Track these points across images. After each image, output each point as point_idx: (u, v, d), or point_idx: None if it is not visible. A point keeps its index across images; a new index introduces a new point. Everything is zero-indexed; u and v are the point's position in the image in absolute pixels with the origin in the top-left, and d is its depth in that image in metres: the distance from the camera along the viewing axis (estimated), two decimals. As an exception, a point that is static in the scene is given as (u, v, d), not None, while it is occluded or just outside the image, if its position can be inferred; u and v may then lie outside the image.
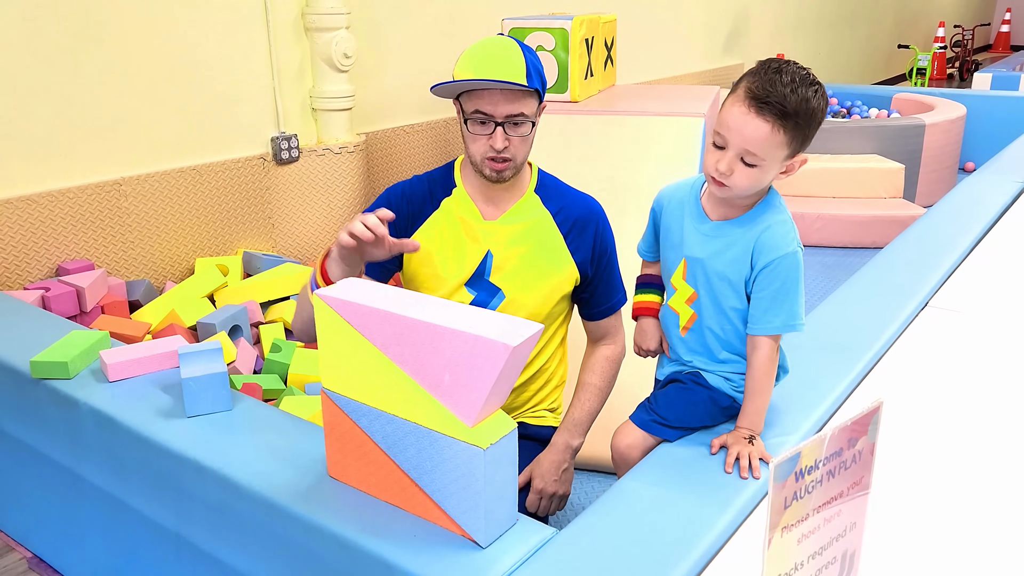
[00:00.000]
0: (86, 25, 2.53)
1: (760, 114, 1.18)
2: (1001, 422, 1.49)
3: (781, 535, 0.86)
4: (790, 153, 1.22)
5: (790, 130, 1.18)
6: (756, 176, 1.22)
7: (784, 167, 1.24)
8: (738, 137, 1.20)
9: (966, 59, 11.32)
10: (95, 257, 2.63)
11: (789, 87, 1.17)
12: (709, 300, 1.35)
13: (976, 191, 2.93)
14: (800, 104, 1.17)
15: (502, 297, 1.63)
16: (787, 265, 1.25)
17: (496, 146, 1.52)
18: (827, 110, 1.24)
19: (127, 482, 1.48)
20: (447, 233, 1.65)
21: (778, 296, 1.26)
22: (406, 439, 1.10)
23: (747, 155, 1.20)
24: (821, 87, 1.21)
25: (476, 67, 1.50)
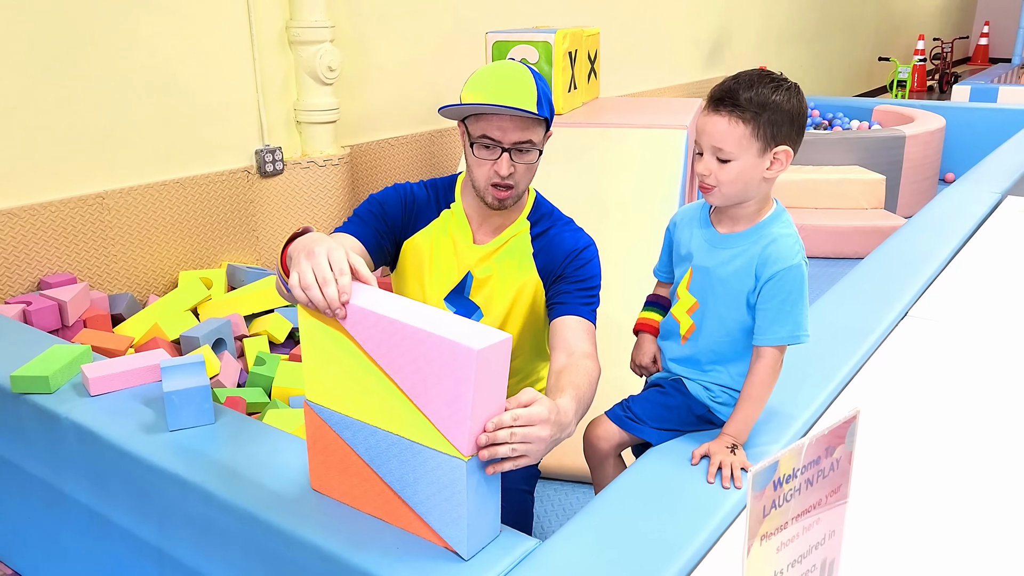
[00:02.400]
0: (69, 38, 2.53)
1: (717, 111, 1.26)
2: (979, 430, 1.50)
3: (760, 544, 0.87)
4: (762, 146, 1.25)
5: (749, 121, 1.23)
6: (736, 172, 1.26)
7: (768, 162, 1.27)
8: (706, 137, 1.27)
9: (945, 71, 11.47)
10: (77, 271, 2.62)
11: (744, 85, 1.24)
12: (711, 310, 1.36)
13: (955, 202, 2.97)
14: (755, 97, 1.23)
15: (480, 315, 1.65)
16: (792, 277, 1.28)
17: (502, 172, 1.50)
18: (800, 106, 1.27)
19: (109, 497, 1.47)
20: (439, 245, 1.65)
21: (783, 308, 1.28)
22: (389, 451, 1.10)
23: (718, 152, 1.26)
24: (785, 84, 1.26)
25: (487, 91, 1.48)
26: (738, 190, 1.28)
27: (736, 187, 1.28)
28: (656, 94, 5.92)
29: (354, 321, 1.07)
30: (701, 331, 1.39)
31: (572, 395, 1.28)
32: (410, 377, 1.04)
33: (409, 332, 1.02)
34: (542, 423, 1.10)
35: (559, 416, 1.16)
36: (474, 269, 1.63)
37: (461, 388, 0.99)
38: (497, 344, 1.00)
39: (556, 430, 1.14)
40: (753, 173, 1.27)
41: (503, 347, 1.01)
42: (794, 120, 1.26)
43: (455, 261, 1.64)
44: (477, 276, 1.64)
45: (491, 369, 1.00)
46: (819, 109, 5.99)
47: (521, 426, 1.07)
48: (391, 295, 1.11)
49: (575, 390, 1.30)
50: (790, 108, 1.25)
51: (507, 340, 1.01)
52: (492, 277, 1.63)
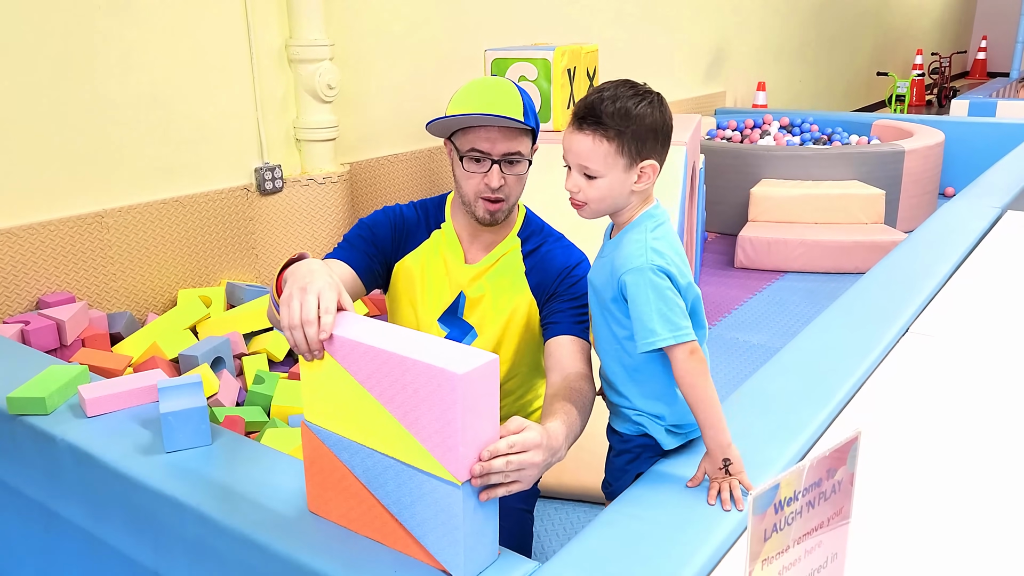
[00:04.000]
0: (68, 56, 2.54)
1: (581, 129, 1.26)
2: (982, 448, 1.49)
3: (762, 567, 0.85)
4: (627, 162, 1.26)
5: (614, 138, 1.24)
6: (604, 188, 1.27)
7: (635, 176, 1.27)
8: (572, 155, 1.28)
9: (944, 86, 11.51)
10: (76, 290, 2.62)
11: (607, 100, 1.24)
12: (594, 319, 1.38)
13: (956, 216, 2.97)
14: (617, 112, 1.23)
15: (474, 335, 1.63)
16: (633, 282, 1.25)
17: (492, 184, 1.49)
18: (663, 118, 1.27)
19: (105, 519, 1.46)
20: (431, 266, 1.64)
21: (635, 312, 1.25)
22: (385, 473, 1.09)
23: (585, 169, 1.27)
24: (648, 96, 1.26)
25: (474, 103, 1.48)
26: (607, 205, 1.30)
27: (606, 203, 1.29)
28: (655, 110, 5.94)
29: (343, 352, 1.07)
30: (596, 345, 1.38)
31: (563, 420, 1.27)
32: (401, 405, 1.04)
33: (396, 361, 1.02)
34: (535, 448, 1.09)
35: (550, 441, 1.15)
36: (467, 289, 1.62)
37: (449, 414, 0.99)
38: (482, 367, 0.99)
39: (548, 455, 1.14)
40: (621, 188, 1.28)
41: (489, 369, 1.00)
42: (658, 133, 1.27)
43: (447, 281, 1.63)
44: (470, 296, 1.63)
45: (478, 392, 0.99)
46: (818, 124, 6.01)
47: (516, 453, 1.06)
48: (378, 323, 1.11)
49: (566, 415, 1.29)
50: (653, 121, 1.25)
51: (494, 361, 1.00)
52: (485, 296, 1.62)
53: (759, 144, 5.32)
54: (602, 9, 5.26)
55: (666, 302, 1.24)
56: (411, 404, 1.03)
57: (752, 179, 4.89)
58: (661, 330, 1.23)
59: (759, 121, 5.99)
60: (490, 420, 1.03)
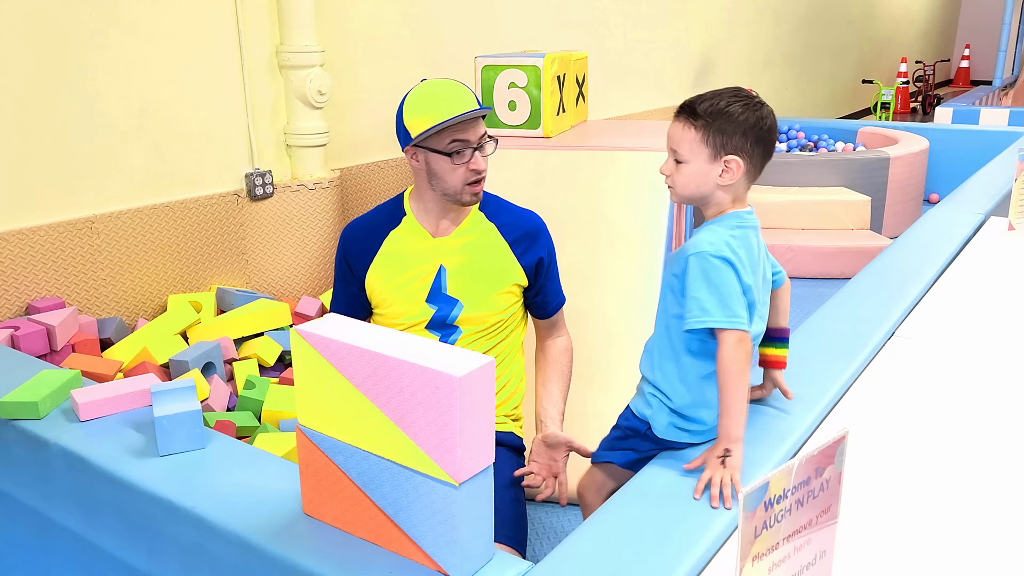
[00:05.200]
0: (59, 62, 2.54)
1: (676, 118, 1.38)
2: (967, 450, 1.52)
3: (752, 564, 0.87)
4: (712, 152, 1.33)
5: (701, 128, 1.33)
6: (688, 174, 1.36)
7: (719, 169, 1.34)
8: (668, 140, 1.39)
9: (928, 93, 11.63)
10: (66, 295, 2.61)
11: (706, 97, 1.35)
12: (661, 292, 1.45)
13: (940, 222, 3.01)
14: (710, 106, 1.33)
15: (461, 307, 1.76)
16: (694, 264, 1.32)
17: (480, 168, 1.69)
18: (757, 121, 1.33)
19: (98, 524, 1.46)
20: (400, 258, 1.78)
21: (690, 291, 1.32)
22: (381, 476, 1.11)
23: (674, 153, 1.37)
24: (747, 100, 1.34)
25: (450, 106, 1.65)
26: (691, 192, 1.38)
27: (689, 189, 1.37)
28: (644, 117, 5.98)
29: (339, 357, 1.09)
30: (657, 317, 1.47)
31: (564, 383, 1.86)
32: (398, 408, 1.05)
33: (392, 364, 1.03)
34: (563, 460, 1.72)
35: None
36: (445, 261, 1.77)
37: (447, 416, 1.00)
38: (480, 369, 1.01)
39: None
40: (705, 178, 1.35)
41: (486, 371, 1.02)
42: (747, 132, 1.32)
43: (422, 261, 1.78)
44: (450, 268, 1.77)
45: (475, 394, 1.01)
46: (804, 131, 6.06)
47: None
48: (372, 327, 1.13)
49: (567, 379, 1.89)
50: (744, 120, 1.32)
51: (490, 364, 1.03)
52: (465, 266, 1.77)
53: (746, 151, 5.35)
54: (592, 17, 5.29)
55: (726, 288, 1.30)
56: (408, 407, 1.04)
57: (739, 185, 4.92)
58: (715, 311, 1.29)
59: (746, 128, 6.02)
60: (486, 421, 1.05)
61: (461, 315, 1.76)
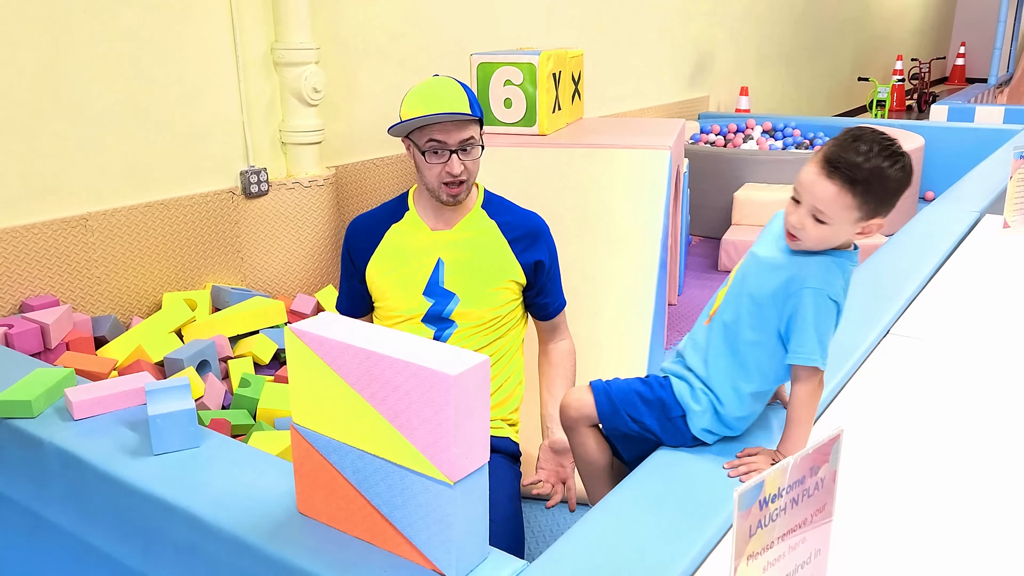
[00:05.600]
0: (53, 59, 2.53)
1: (829, 177, 1.24)
2: (962, 448, 1.52)
3: (747, 563, 0.87)
4: (862, 216, 1.26)
5: (859, 195, 1.23)
6: (826, 233, 1.27)
7: (860, 228, 1.28)
8: (809, 195, 1.26)
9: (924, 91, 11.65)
10: (60, 293, 2.60)
11: (863, 156, 1.22)
12: (736, 292, 1.39)
13: (935, 220, 3.01)
14: (872, 172, 1.22)
15: (457, 301, 1.77)
16: (809, 299, 1.29)
17: (454, 171, 1.69)
18: (907, 179, 1.26)
19: (93, 523, 1.46)
20: (400, 251, 1.81)
21: (794, 325, 1.31)
22: (376, 475, 1.10)
23: (817, 212, 1.26)
24: (903, 158, 1.24)
25: (428, 104, 1.68)
26: (822, 247, 1.31)
27: (822, 245, 1.30)
28: (639, 114, 5.98)
29: (333, 355, 1.08)
30: (720, 313, 1.40)
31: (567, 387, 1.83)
32: (392, 407, 1.05)
33: (387, 363, 1.03)
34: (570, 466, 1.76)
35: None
36: (443, 254, 1.79)
37: (442, 414, 1.00)
38: (474, 368, 1.01)
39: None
40: (843, 236, 1.29)
41: (480, 370, 1.02)
42: (896, 193, 1.26)
43: (421, 254, 1.79)
44: (448, 261, 1.78)
45: (470, 393, 1.01)
46: (800, 129, 6.06)
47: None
48: (367, 325, 1.13)
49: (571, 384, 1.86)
50: (898, 186, 1.25)
51: (485, 362, 1.03)
52: (463, 260, 1.78)
53: (742, 148, 5.37)
54: (587, 14, 5.29)
55: (829, 330, 1.31)
56: (402, 405, 1.04)
57: (735, 183, 4.94)
58: (817, 352, 1.29)
59: (742, 126, 6.04)
60: (481, 420, 1.04)
61: (457, 309, 1.77)
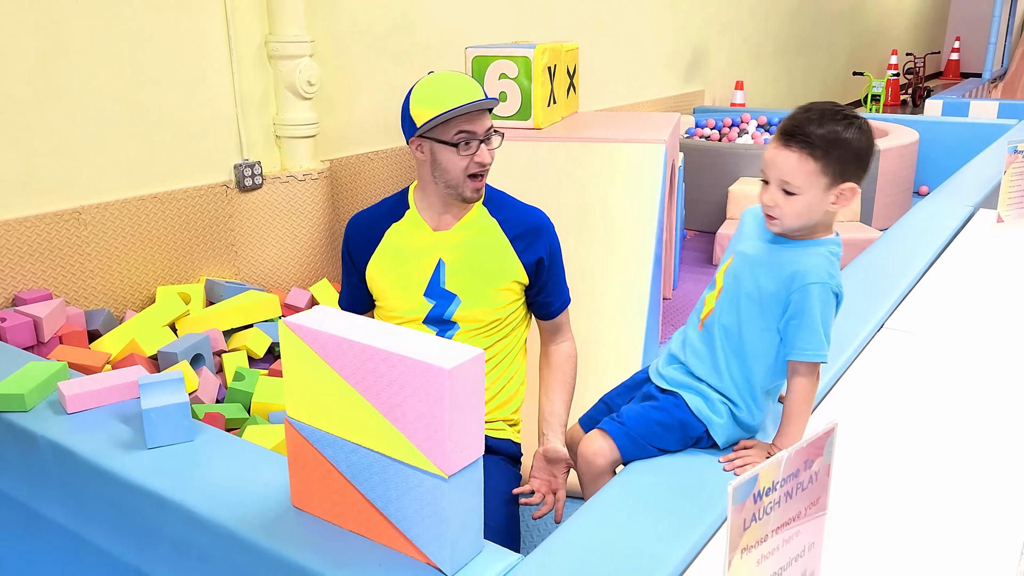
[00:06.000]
0: (46, 52, 2.51)
1: (788, 146, 1.28)
2: (955, 441, 1.52)
3: (741, 556, 0.87)
4: (830, 181, 1.27)
5: (820, 159, 1.26)
6: (801, 205, 1.29)
7: (833, 197, 1.29)
8: (774, 170, 1.30)
9: (918, 86, 11.66)
10: (53, 286, 2.59)
11: (816, 122, 1.26)
12: (731, 295, 1.38)
13: (929, 215, 3.02)
14: (827, 135, 1.25)
15: (458, 302, 1.74)
16: (811, 294, 1.29)
17: (485, 160, 1.67)
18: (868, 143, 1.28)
19: (87, 517, 1.46)
20: (401, 251, 1.77)
21: (799, 321, 1.31)
22: (371, 468, 1.10)
23: (785, 185, 1.28)
24: (856, 121, 1.27)
25: (454, 97, 1.64)
26: (801, 222, 1.31)
27: (800, 220, 1.31)
28: (634, 108, 5.97)
29: (327, 349, 1.08)
30: (716, 317, 1.40)
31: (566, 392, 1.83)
32: (386, 400, 1.05)
33: (381, 356, 1.03)
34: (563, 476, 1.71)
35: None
36: (445, 255, 1.75)
37: (436, 408, 1.00)
38: (469, 361, 1.00)
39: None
40: (818, 207, 1.30)
41: (475, 363, 1.02)
42: (861, 157, 1.28)
43: (421, 254, 1.76)
44: (449, 262, 1.75)
45: (465, 386, 1.01)
46: (795, 123, 6.05)
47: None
48: (361, 319, 1.12)
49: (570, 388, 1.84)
50: (859, 147, 1.27)
51: (480, 356, 1.02)
52: (464, 261, 1.74)
53: (737, 143, 5.37)
54: (583, 8, 5.28)
55: (831, 323, 1.32)
56: (397, 399, 1.03)
57: (730, 177, 4.93)
58: (823, 347, 1.30)
59: (737, 120, 6.04)
60: (476, 414, 1.04)
61: (458, 311, 1.73)
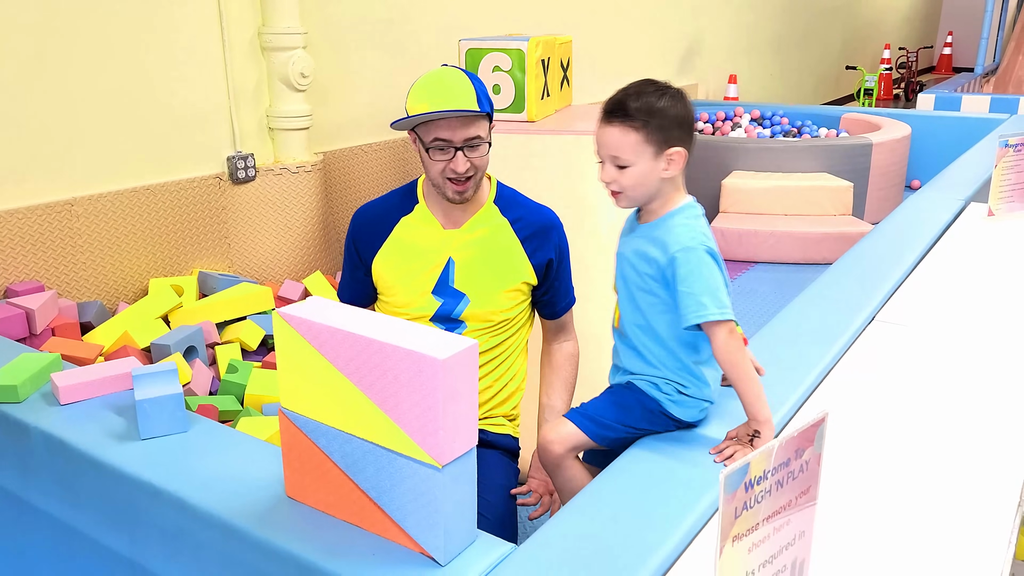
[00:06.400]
0: (40, 43, 2.50)
1: (610, 123, 1.36)
2: (945, 432, 1.54)
3: (732, 544, 0.88)
4: (656, 148, 1.35)
5: (640, 128, 1.33)
6: (635, 175, 1.36)
7: (664, 163, 1.36)
8: (604, 148, 1.38)
9: (911, 80, 11.69)
10: (45, 279, 2.58)
11: (632, 97, 1.35)
12: (624, 294, 1.45)
13: (921, 208, 3.03)
14: (642, 105, 1.33)
15: (467, 301, 1.72)
16: (689, 258, 1.34)
17: (459, 169, 1.62)
18: (685, 110, 1.36)
19: (80, 508, 1.46)
20: (410, 247, 1.74)
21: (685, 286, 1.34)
22: (364, 459, 1.11)
23: (616, 160, 1.36)
24: (670, 91, 1.36)
25: (432, 100, 1.60)
26: (642, 192, 1.38)
27: (640, 190, 1.38)
28: (628, 102, 5.97)
29: (321, 340, 1.08)
30: (624, 318, 1.46)
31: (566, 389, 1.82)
32: (380, 391, 1.05)
33: (375, 347, 1.03)
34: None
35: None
36: (454, 254, 1.73)
37: (430, 399, 1.00)
38: (463, 352, 1.01)
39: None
40: (652, 175, 1.36)
41: (469, 354, 1.02)
42: (681, 123, 1.36)
43: (431, 252, 1.73)
44: (459, 261, 1.73)
45: (458, 377, 1.01)
46: (788, 117, 6.07)
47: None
48: (355, 310, 1.12)
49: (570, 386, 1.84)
50: (676, 113, 1.35)
51: (473, 347, 1.03)
52: (475, 260, 1.72)
53: (730, 136, 5.38)
54: (576, 1, 5.27)
55: (715, 280, 1.33)
56: (391, 390, 1.04)
57: (723, 171, 4.95)
58: (711, 305, 1.32)
59: (730, 114, 6.05)
60: (469, 404, 1.05)
61: (467, 310, 1.72)
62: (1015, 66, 10.47)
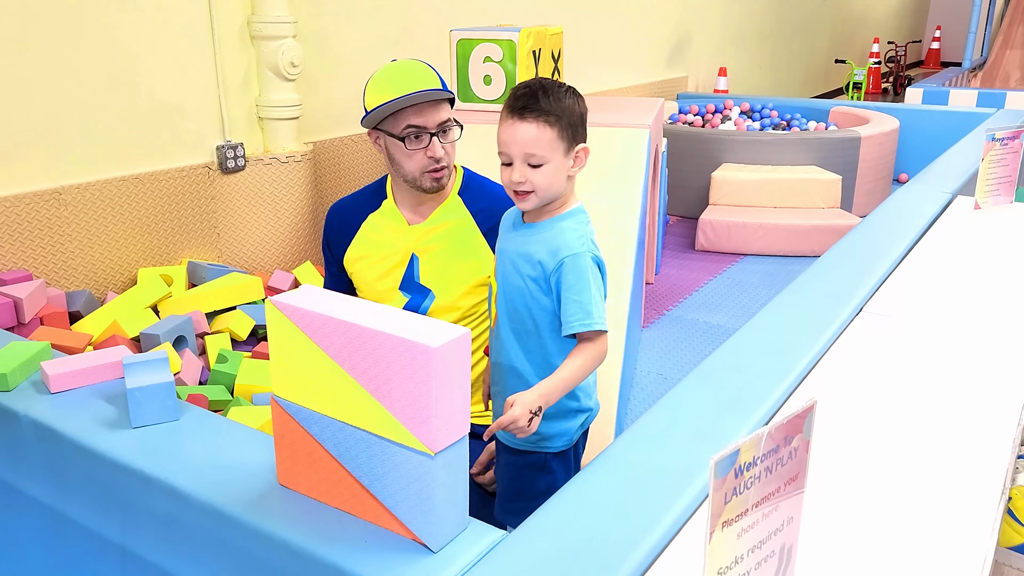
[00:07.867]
0: (25, 30, 2.48)
1: (524, 120, 1.35)
2: (931, 422, 1.55)
3: (722, 530, 0.89)
4: (567, 145, 1.36)
5: (555, 125, 1.34)
6: (548, 174, 1.36)
7: (572, 160, 1.37)
8: (516, 147, 1.35)
9: (900, 74, 11.74)
10: (33, 267, 2.57)
11: (542, 94, 1.35)
12: (503, 291, 1.44)
13: (908, 201, 3.05)
14: (554, 101, 1.34)
15: (432, 297, 1.72)
16: (574, 266, 1.34)
17: (437, 155, 1.61)
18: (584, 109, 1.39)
19: (70, 496, 1.46)
20: (376, 243, 1.75)
21: (569, 295, 1.34)
22: (357, 446, 1.11)
23: (529, 158, 1.34)
24: (571, 88, 1.39)
25: (399, 87, 1.58)
26: (553, 192, 1.38)
27: (551, 190, 1.37)
28: (618, 93, 5.97)
29: (314, 328, 1.09)
30: (500, 319, 1.45)
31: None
32: (373, 379, 1.06)
33: (368, 335, 1.04)
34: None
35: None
36: (417, 250, 1.73)
37: (423, 386, 1.01)
38: (455, 340, 1.01)
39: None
40: (562, 173, 1.37)
41: (462, 342, 1.03)
42: (584, 121, 1.39)
43: (396, 248, 1.73)
44: (422, 257, 1.72)
45: (451, 365, 1.02)
46: (777, 110, 6.09)
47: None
48: (348, 298, 1.13)
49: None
50: (581, 111, 1.37)
51: (466, 335, 1.03)
52: (438, 255, 1.72)
53: (720, 129, 5.39)
54: (566, -8, 5.26)
55: (599, 289, 1.34)
56: (384, 377, 1.04)
57: (713, 163, 4.96)
58: (596, 314, 1.33)
59: (720, 106, 6.06)
60: (462, 392, 1.05)
61: (433, 305, 1.72)
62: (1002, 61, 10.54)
